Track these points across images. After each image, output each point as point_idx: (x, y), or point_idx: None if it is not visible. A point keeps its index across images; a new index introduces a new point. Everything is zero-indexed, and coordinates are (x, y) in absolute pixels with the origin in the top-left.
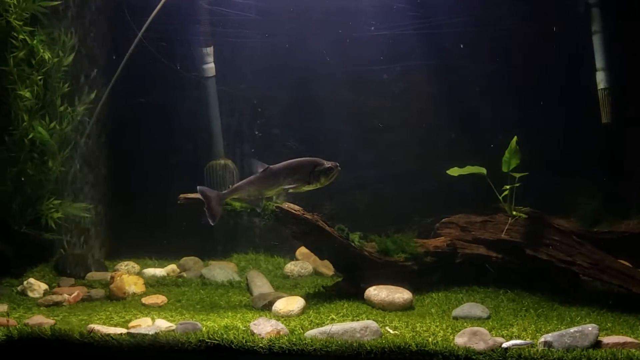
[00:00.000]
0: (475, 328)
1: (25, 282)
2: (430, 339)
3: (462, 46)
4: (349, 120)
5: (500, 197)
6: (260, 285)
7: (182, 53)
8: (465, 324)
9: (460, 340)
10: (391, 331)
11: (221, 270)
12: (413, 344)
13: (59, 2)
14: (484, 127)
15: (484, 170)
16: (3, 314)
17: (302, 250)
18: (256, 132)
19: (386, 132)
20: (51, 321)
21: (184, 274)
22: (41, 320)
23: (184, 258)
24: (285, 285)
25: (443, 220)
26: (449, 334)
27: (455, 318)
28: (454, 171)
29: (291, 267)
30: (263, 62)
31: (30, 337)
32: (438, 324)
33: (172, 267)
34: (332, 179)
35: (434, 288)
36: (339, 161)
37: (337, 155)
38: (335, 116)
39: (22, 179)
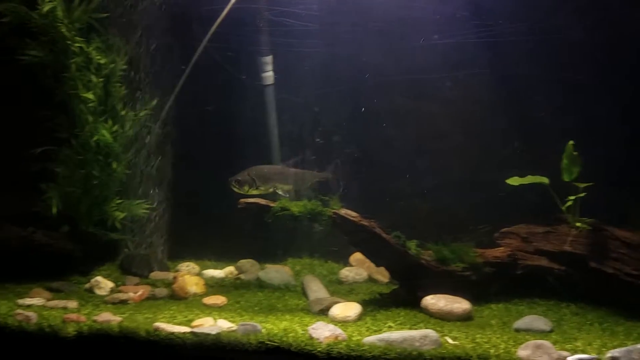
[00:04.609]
0: (539, 341)
1: (92, 280)
2: (491, 351)
3: (523, 54)
4: (407, 128)
5: (564, 208)
6: (316, 289)
7: (245, 62)
8: (527, 336)
9: (524, 353)
10: (451, 341)
11: (277, 274)
12: (474, 355)
13: (109, 13)
14: (545, 135)
15: (546, 180)
16: (74, 311)
17: (357, 256)
18: (317, 139)
19: (445, 140)
20: (118, 318)
21: (242, 276)
22: (109, 317)
23: (241, 261)
24: (340, 290)
25: (503, 230)
26: (510, 346)
27: (517, 330)
28: (514, 180)
29: (346, 272)
30: (324, 71)
31: (99, 334)
32: (499, 335)
33: (230, 269)
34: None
35: (493, 299)
36: (397, 169)
37: (396, 163)
38: (394, 124)
39: (89, 180)
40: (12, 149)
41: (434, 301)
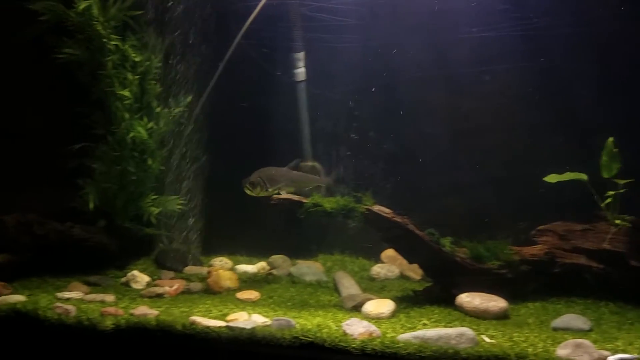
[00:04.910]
0: (579, 340)
1: (129, 274)
2: (529, 350)
3: (563, 48)
4: (444, 124)
5: (603, 205)
6: (348, 286)
7: (280, 58)
8: (565, 335)
9: (563, 352)
10: (487, 339)
11: (309, 270)
12: (512, 353)
13: (145, 11)
14: (584, 131)
15: (584, 177)
16: (111, 304)
17: (388, 253)
18: (352, 135)
19: (482, 136)
20: (155, 312)
21: (274, 272)
22: (146, 310)
23: (273, 256)
24: (372, 287)
25: (540, 227)
26: (549, 345)
27: (555, 329)
28: (552, 178)
29: (378, 269)
30: (360, 66)
31: (136, 327)
32: (537, 334)
33: (262, 264)
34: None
35: (529, 297)
36: (433, 165)
37: (432, 158)
38: (430, 119)
39: (125, 176)
40: (50, 146)
41: (469, 299)
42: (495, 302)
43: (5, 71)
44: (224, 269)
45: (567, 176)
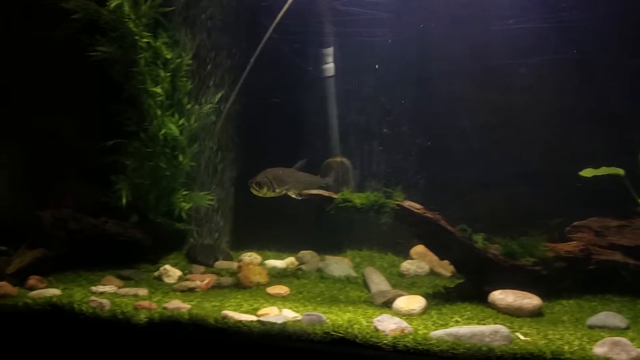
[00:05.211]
0: (616, 338)
1: (161, 268)
2: (565, 347)
3: (600, 40)
4: (478, 117)
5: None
6: (378, 282)
7: (311, 54)
8: (602, 333)
9: (600, 350)
10: (522, 337)
11: (338, 265)
12: (548, 351)
13: (175, 8)
14: (622, 125)
15: (621, 171)
16: (144, 298)
17: (418, 249)
18: (385, 130)
19: (516, 130)
20: (187, 306)
21: (303, 267)
22: (178, 304)
23: (301, 251)
24: (402, 283)
25: (575, 223)
26: (585, 343)
27: (591, 327)
28: (588, 172)
29: (407, 265)
30: (392, 60)
31: (170, 321)
32: (572, 332)
33: (290, 259)
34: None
35: (563, 295)
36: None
37: (464, 153)
38: (464, 113)
39: (157, 172)
40: (84, 142)
41: (503, 296)
42: (529, 300)
43: (40, 69)
44: (253, 263)
45: (603, 171)
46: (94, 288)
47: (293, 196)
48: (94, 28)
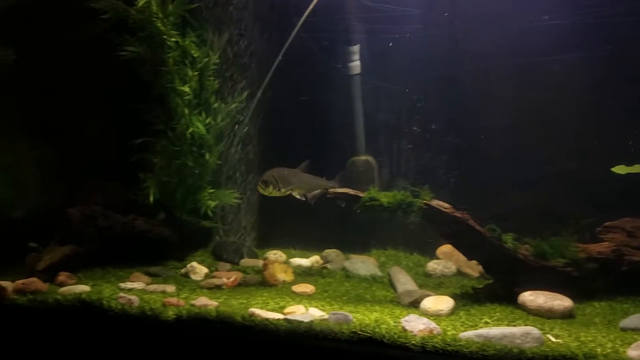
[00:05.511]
0: None
1: (188, 266)
2: (598, 350)
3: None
4: (509, 116)
5: None
6: (404, 282)
7: (337, 51)
8: (635, 336)
9: (634, 353)
10: (553, 339)
11: (363, 264)
12: (580, 354)
13: (204, 5)
14: None
15: None
16: (173, 295)
17: (444, 249)
18: (414, 128)
19: (548, 128)
20: (215, 303)
21: (328, 266)
22: (206, 301)
23: (326, 250)
24: (429, 283)
25: (606, 224)
26: (618, 345)
27: (623, 329)
28: (621, 169)
29: (434, 265)
30: (422, 57)
31: (197, 317)
32: (604, 334)
33: (315, 258)
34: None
35: (595, 296)
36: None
37: (494, 152)
38: (496, 111)
39: (184, 170)
40: (114, 140)
41: (533, 297)
42: (560, 301)
43: (70, 69)
44: (278, 262)
45: (637, 168)
46: (122, 285)
47: (297, 197)
48: (123, 27)
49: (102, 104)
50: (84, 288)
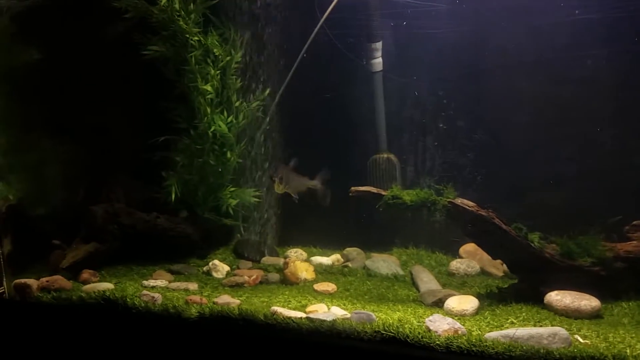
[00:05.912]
0: None
1: (210, 264)
2: (627, 351)
3: None
4: (536, 113)
5: None
6: (427, 281)
7: (360, 48)
8: None
9: None
10: (581, 340)
11: (384, 263)
12: (609, 354)
13: (224, 5)
14: None
15: None
16: (196, 293)
17: (467, 247)
18: (441, 125)
19: (577, 126)
20: (237, 301)
21: (349, 264)
22: (228, 299)
23: (347, 249)
24: (452, 283)
25: (635, 222)
26: None
27: None
28: None
29: (457, 264)
30: (448, 53)
31: (220, 315)
32: (634, 335)
33: (336, 256)
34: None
35: (623, 296)
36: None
37: (524, 150)
38: (524, 108)
39: (206, 169)
40: (136, 139)
41: (560, 297)
42: (587, 301)
43: (93, 67)
44: (299, 260)
45: None
46: (145, 282)
47: (294, 195)
48: (146, 26)
49: (125, 103)
50: (107, 285)
